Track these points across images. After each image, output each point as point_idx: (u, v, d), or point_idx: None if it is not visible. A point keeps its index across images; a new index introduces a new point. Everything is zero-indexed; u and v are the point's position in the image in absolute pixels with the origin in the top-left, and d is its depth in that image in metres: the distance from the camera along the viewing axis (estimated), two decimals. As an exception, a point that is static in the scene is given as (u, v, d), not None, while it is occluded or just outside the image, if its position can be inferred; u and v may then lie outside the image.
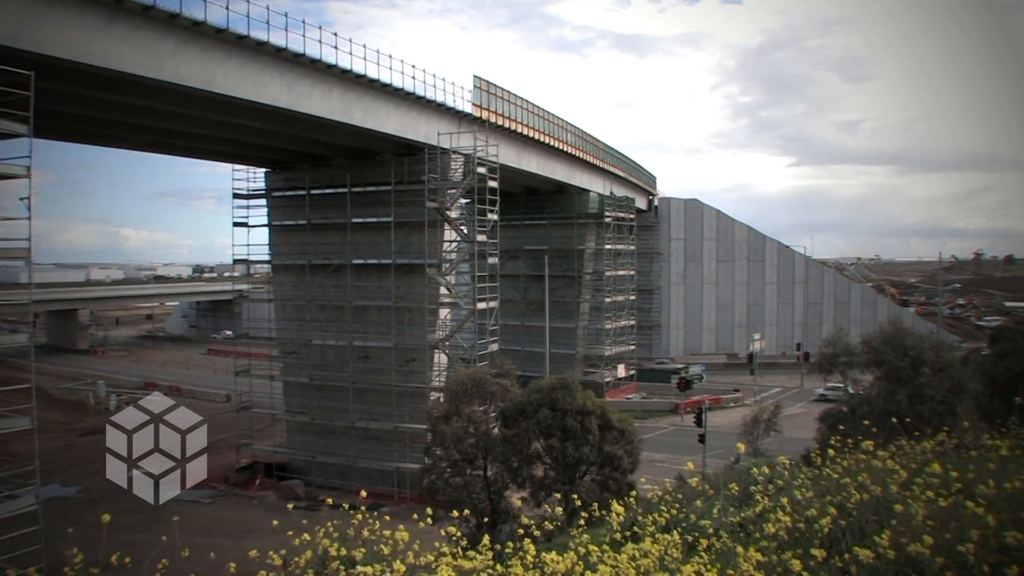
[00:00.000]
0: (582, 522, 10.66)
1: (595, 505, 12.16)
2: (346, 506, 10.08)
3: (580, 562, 8.44)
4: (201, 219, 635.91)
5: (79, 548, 8.13)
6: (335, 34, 38.79)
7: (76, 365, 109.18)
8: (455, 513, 13.32)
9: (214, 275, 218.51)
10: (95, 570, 7.74)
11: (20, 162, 25.37)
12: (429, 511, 10.88)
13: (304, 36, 37.06)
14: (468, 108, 49.51)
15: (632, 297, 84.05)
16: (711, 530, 10.05)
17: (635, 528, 10.38)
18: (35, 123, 24.65)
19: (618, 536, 10.36)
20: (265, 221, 56.12)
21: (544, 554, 8.56)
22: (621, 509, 11.12)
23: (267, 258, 57.66)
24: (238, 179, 55.78)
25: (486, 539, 9.10)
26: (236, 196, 55.64)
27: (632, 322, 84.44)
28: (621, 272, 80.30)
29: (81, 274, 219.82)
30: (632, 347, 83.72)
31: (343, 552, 8.38)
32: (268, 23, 34.95)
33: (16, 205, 25.14)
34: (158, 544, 8.85)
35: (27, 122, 24.42)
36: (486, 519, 26.73)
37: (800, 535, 8.90)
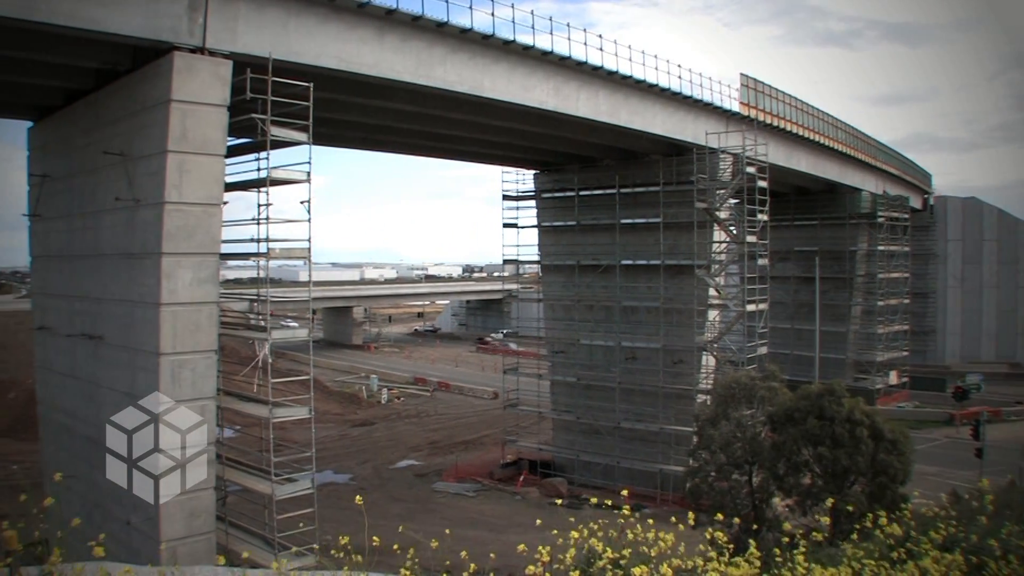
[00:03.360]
0: (854, 536, 9.96)
1: (868, 516, 11.34)
2: (608, 503, 9.80)
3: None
4: (471, 220, 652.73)
5: (346, 532, 8.19)
6: (600, 36, 38.66)
7: (350, 360, 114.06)
8: (719, 517, 12.86)
9: (483, 275, 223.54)
10: (358, 557, 7.81)
11: (301, 168, 26.50)
12: (691, 515, 10.49)
13: (569, 39, 36.99)
14: (735, 107, 48.20)
15: (906, 301, 79.84)
16: (999, 552, 9.13)
17: (908, 544, 9.54)
18: (314, 131, 25.64)
19: (893, 554, 9.54)
20: (534, 222, 56.75)
21: (815, 567, 8.04)
22: (897, 528, 10.22)
23: (536, 258, 58.20)
24: (507, 181, 56.69)
25: (754, 547, 8.57)
26: (506, 198, 56.52)
27: (905, 327, 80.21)
28: (894, 274, 76.50)
29: (356, 273, 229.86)
30: (905, 353, 79.49)
31: (609, 552, 8.10)
32: (533, 27, 35.09)
33: (297, 208, 26.17)
34: (422, 532, 8.81)
35: (307, 130, 25.47)
36: (754, 526, 25.92)
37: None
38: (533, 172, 56.32)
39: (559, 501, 31.12)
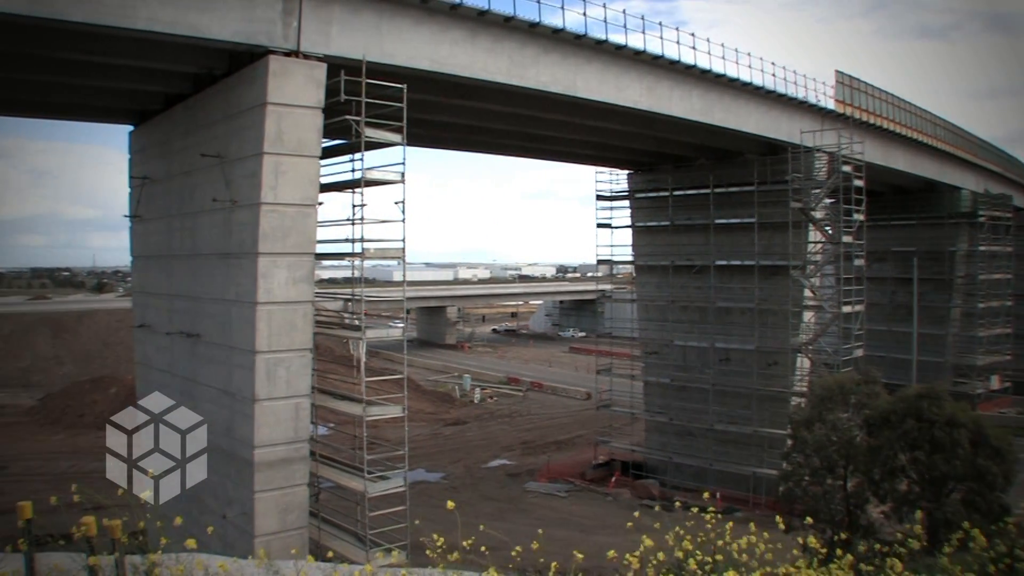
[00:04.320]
0: (951, 546, 9.61)
1: (966, 525, 10.87)
2: (695, 509, 9.71)
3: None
4: (564, 220, 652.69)
5: (437, 530, 8.24)
6: (692, 35, 38.25)
7: (444, 359, 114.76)
8: (808, 520, 12.67)
9: (577, 275, 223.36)
10: (454, 556, 7.81)
11: (395, 169, 26.81)
12: (779, 519, 10.35)
13: (661, 38, 36.70)
14: (830, 104, 47.21)
15: (1008, 303, 77.63)
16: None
17: (1008, 560, 9.16)
18: (408, 132, 25.84)
19: (992, 568, 9.12)
20: (628, 222, 56.45)
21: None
22: (1000, 542, 9.76)
23: (630, 259, 57.94)
24: (601, 181, 56.45)
25: (848, 557, 8.42)
26: (599, 198, 56.31)
27: (1008, 330, 77.95)
28: (996, 276, 74.37)
29: (450, 273, 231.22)
30: (1007, 357, 77.17)
31: (699, 556, 8.05)
32: (624, 27, 34.92)
33: (391, 209, 26.45)
34: (511, 531, 8.83)
35: (401, 132, 25.70)
36: (843, 532, 25.50)
37: None
38: (627, 172, 56.04)
39: (650, 503, 31.02)
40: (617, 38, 34.66)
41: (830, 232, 47.50)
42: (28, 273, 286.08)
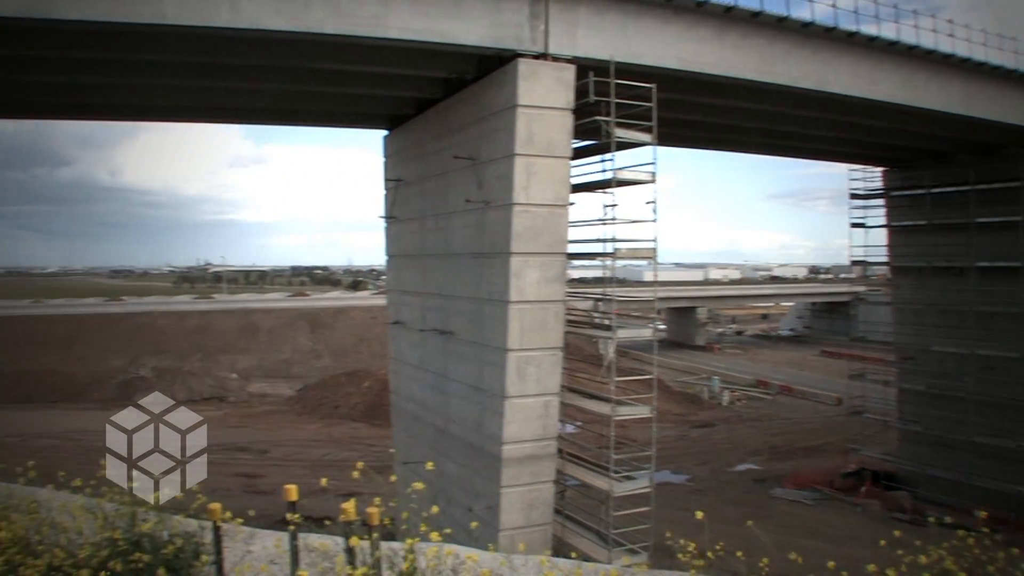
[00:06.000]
0: None
1: None
2: (948, 519, 9.25)
3: None
4: (816, 220, 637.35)
5: (681, 533, 8.19)
6: (950, 21, 36.15)
7: (692, 360, 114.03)
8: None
9: (829, 276, 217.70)
10: (699, 562, 7.70)
11: (646, 169, 26.70)
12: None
13: (916, 27, 34.93)
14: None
15: None
16: None
17: None
18: (657, 132, 25.75)
19: None
20: (882, 222, 54.31)
21: None
22: None
23: (884, 260, 55.71)
24: (854, 179, 54.64)
25: None
26: (853, 196, 54.52)
27: None
28: None
29: (699, 274, 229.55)
30: None
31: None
32: (877, 16, 33.58)
33: (642, 209, 26.44)
34: (756, 538, 8.68)
35: (651, 131, 25.60)
36: None
37: None
38: (881, 169, 53.99)
39: (900, 516, 29.90)
40: (869, 29, 33.58)
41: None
42: (288, 271, 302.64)
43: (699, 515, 8.85)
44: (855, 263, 57.47)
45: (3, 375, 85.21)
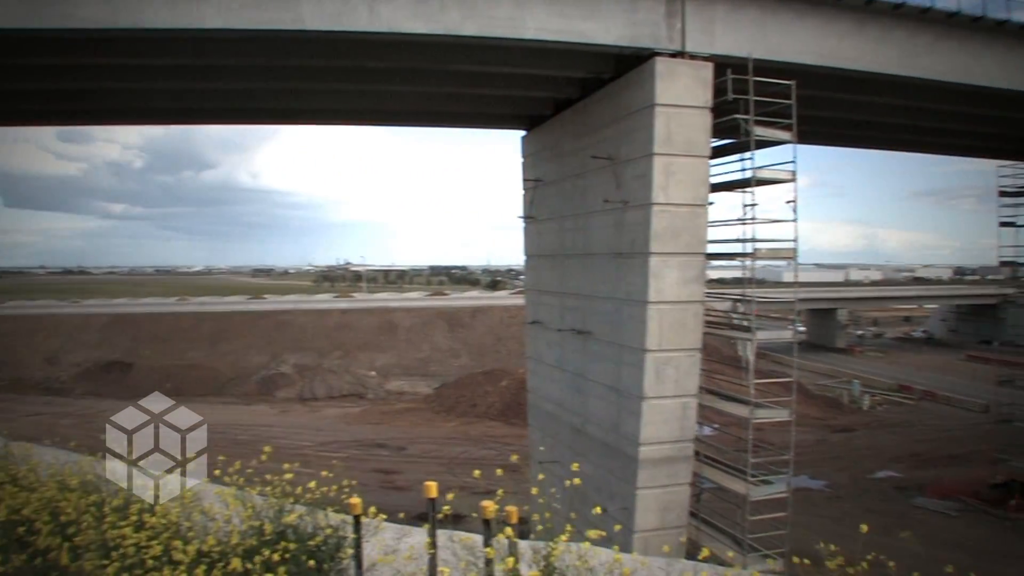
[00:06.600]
0: None
1: None
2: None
3: None
4: (961, 219, 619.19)
5: (819, 540, 8.08)
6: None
7: (832, 363, 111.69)
8: None
9: (975, 277, 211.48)
10: (851, 569, 7.54)
11: (786, 167, 26.26)
12: None
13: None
14: None
15: None
16: None
17: None
18: (797, 129, 25.37)
19: None
20: (1036, 220, 52.35)
21: None
22: None
23: (1033, 260, 53.73)
24: (1003, 175, 52.86)
25: None
26: (1002, 194, 52.77)
27: None
28: None
29: (840, 274, 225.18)
30: None
31: None
32: (1028, 1, 32.53)
33: (782, 208, 26.06)
34: (896, 549, 8.44)
35: (790, 129, 25.25)
36: None
37: None
38: (1031, 165, 52.22)
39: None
40: (1021, 16, 32.43)
41: None
42: (427, 271, 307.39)
43: (863, 528, 8.66)
44: (1004, 264, 55.48)
45: (152, 369, 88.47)
